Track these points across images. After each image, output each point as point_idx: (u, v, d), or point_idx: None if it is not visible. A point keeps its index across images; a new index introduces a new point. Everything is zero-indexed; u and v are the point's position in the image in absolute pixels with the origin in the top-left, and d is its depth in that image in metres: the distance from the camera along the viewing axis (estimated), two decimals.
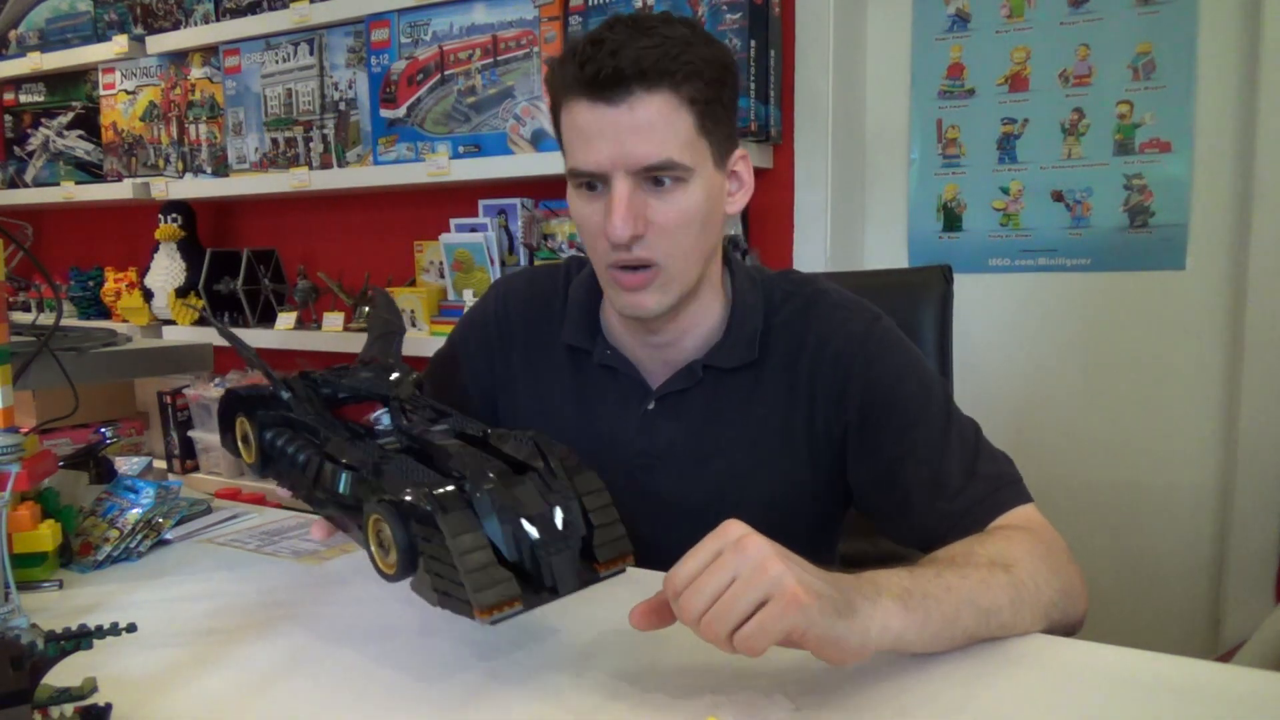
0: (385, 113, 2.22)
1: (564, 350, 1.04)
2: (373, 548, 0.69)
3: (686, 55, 0.85)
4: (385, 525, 0.66)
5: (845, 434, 0.95)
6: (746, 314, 0.98)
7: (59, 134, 2.94)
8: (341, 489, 0.74)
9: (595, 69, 0.83)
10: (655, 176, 0.86)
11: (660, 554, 0.84)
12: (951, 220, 1.94)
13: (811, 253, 1.89)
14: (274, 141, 2.45)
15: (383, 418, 0.83)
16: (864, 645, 0.65)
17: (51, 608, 0.89)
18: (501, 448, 0.72)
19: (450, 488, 0.65)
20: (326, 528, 0.80)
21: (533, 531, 0.65)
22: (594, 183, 0.89)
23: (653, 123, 0.84)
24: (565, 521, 0.66)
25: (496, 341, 1.08)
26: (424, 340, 2.08)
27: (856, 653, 0.65)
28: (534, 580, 0.65)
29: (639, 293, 0.90)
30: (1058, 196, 1.84)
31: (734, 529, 0.65)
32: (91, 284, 2.90)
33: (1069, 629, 0.81)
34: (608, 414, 1.01)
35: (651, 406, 1.00)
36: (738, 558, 0.62)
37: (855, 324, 0.96)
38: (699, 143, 0.87)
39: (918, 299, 1.29)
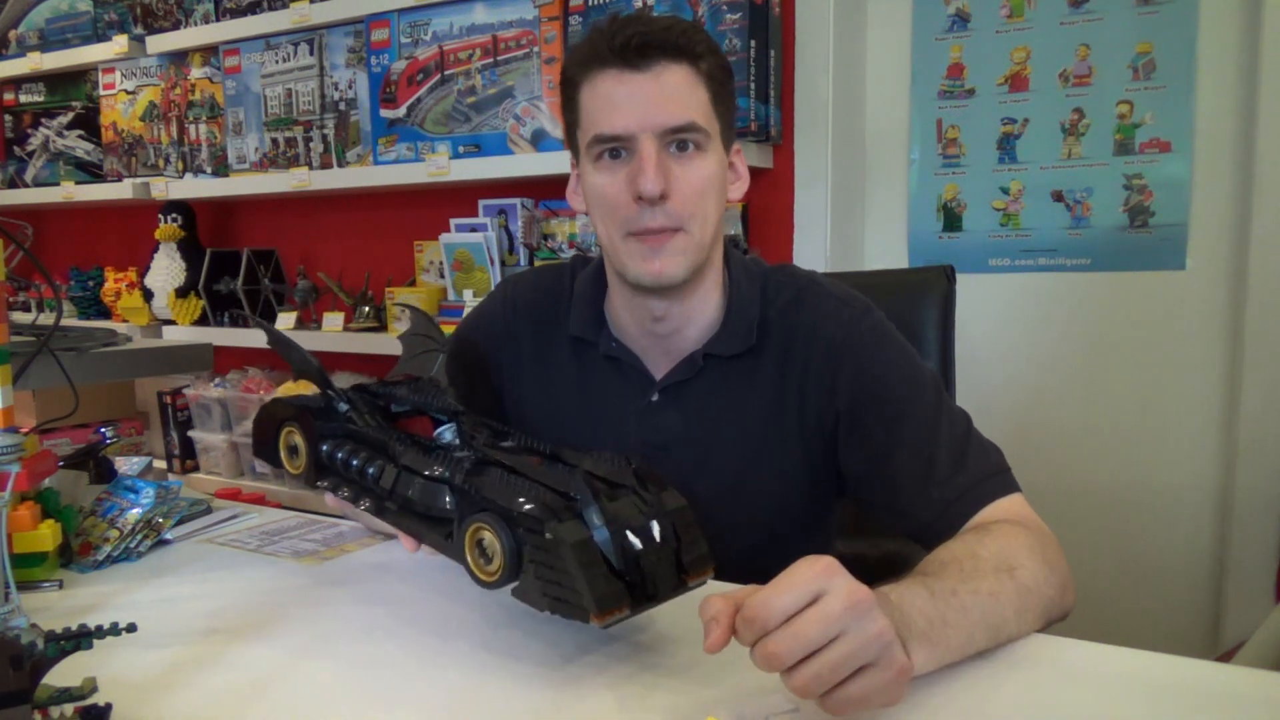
0: (385, 113, 2.22)
1: (569, 344, 1.06)
2: (469, 556, 0.72)
3: (700, 36, 0.93)
4: (488, 533, 0.69)
5: (836, 423, 0.97)
6: (744, 304, 1.01)
7: (59, 134, 2.94)
8: (425, 499, 0.76)
9: (626, 38, 0.89)
10: (679, 140, 0.91)
11: None
12: (951, 220, 1.94)
13: (811, 253, 1.89)
14: (274, 141, 2.45)
15: (445, 433, 0.84)
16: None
17: (51, 608, 0.89)
18: (582, 465, 0.74)
19: (557, 498, 0.68)
20: (414, 541, 0.80)
21: (636, 542, 0.68)
22: (617, 150, 0.92)
23: (678, 88, 0.90)
24: (662, 534, 0.69)
25: (504, 337, 1.10)
26: None
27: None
28: (634, 588, 0.68)
29: (662, 255, 0.92)
30: (1058, 196, 1.84)
31: (837, 574, 0.60)
32: (91, 284, 2.89)
33: (1060, 618, 0.82)
34: (611, 406, 1.03)
35: (655, 398, 1.02)
36: (850, 615, 0.58)
37: (846, 314, 0.98)
38: (712, 117, 0.93)
39: (920, 299, 1.30)
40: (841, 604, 0.58)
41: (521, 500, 0.68)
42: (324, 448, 0.85)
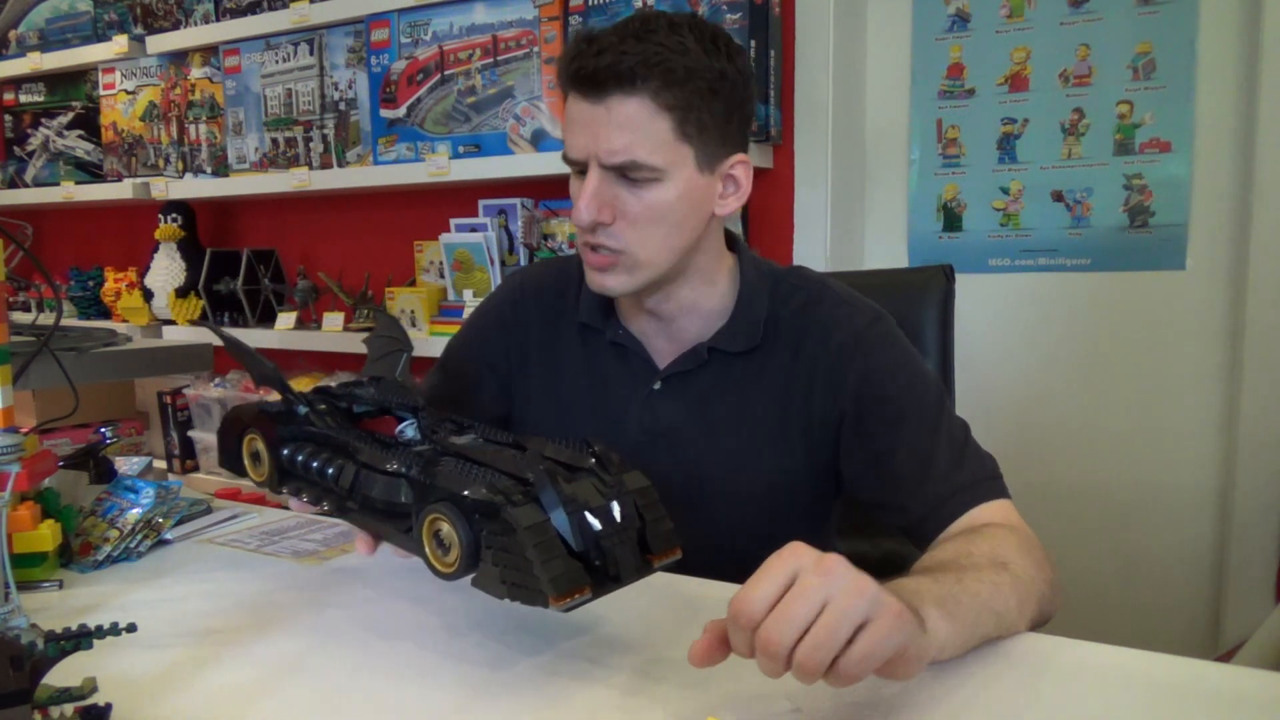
0: (385, 113, 2.22)
1: (577, 331, 1.08)
2: (428, 548, 0.70)
3: (671, 63, 0.87)
4: (445, 523, 0.68)
5: (840, 423, 0.98)
6: (753, 301, 1.02)
7: (59, 134, 2.94)
8: (384, 495, 0.75)
9: (578, 66, 0.89)
10: (626, 174, 0.91)
11: None
12: (951, 220, 1.94)
13: (811, 253, 1.89)
14: (274, 141, 2.45)
15: (407, 430, 0.83)
16: (934, 655, 0.65)
17: (51, 608, 0.89)
18: (542, 452, 0.73)
19: (513, 483, 0.67)
20: (370, 542, 0.80)
21: (595, 523, 0.67)
22: (581, 168, 0.94)
23: (626, 124, 0.89)
24: (623, 514, 0.68)
25: (513, 325, 1.12)
26: (424, 341, 2.08)
27: (926, 664, 0.64)
28: (596, 570, 0.67)
29: (602, 273, 0.96)
30: (1058, 196, 1.84)
31: (804, 551, 0.60)
32: (91, 284, 2.90)
33: (1045, 621, 0.83)
34: (615, 392, 1.05)
35: (657, 386, 1.04)
36: (826, 580, 0.58)
37: (858, 320, 1.00)
38: (678, 146, 0.91)
39: (919, 298, 1.30)
40: (816, 575, 0.58)
41: (476, 487, 0.67)
42: (284, 452, 0.84)
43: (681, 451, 1.01)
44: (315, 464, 0.81)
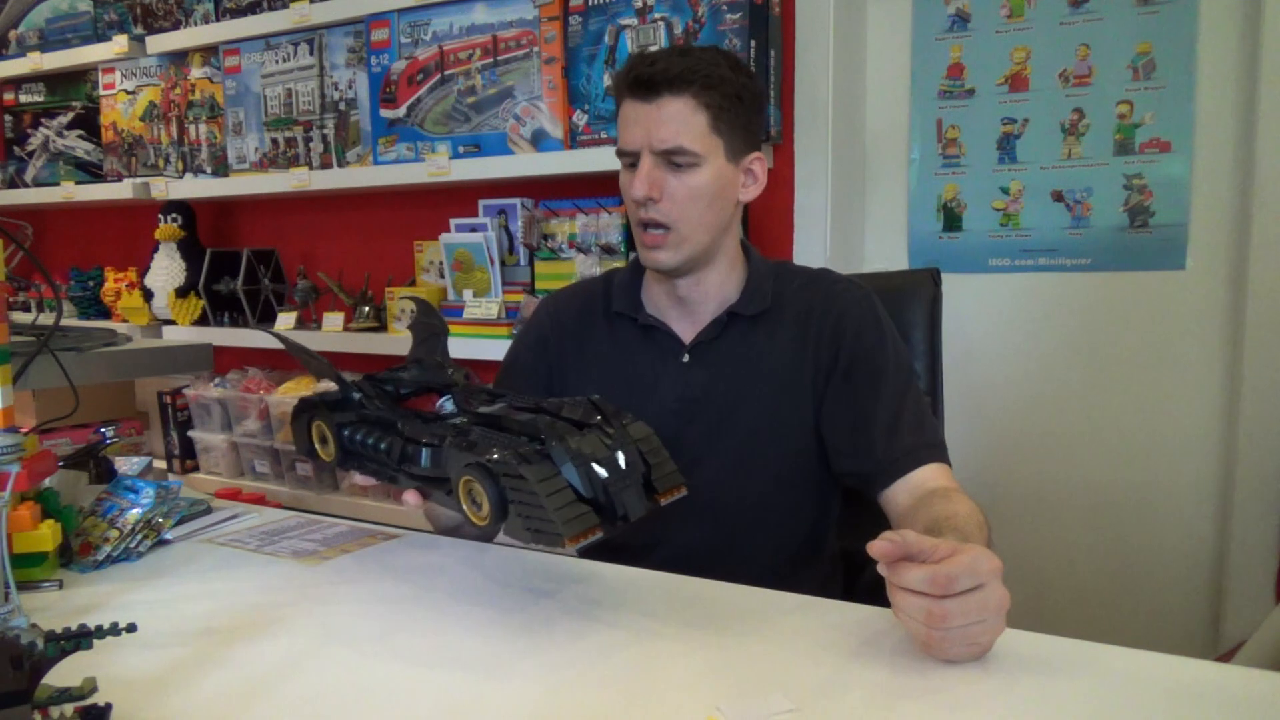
0: (385, 113, 2.22)
1: (608, 323, 1.24)
2: (465, 505, 0.81)
3: (707, 72, 1.09)
4: (476, 484, 0.78)
5: (831, 372, 1.15)
6: (761, 282, 1.20)
7: (59, 134, 2.94)
8: (426, 464, 0.86)
9: (637, 74, 1.09)
10: (672, 160, 1.09)
11: (696, 488, 1.09)
12: (951, 220, 1.94)
13: (811, 253, 1.89)
14: (274, 141, 2.45)
15: (445, 404, 0.95)
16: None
17: (51, 608, 0.89)
18: (559, 413, 0.83)
19: (528, 445, 0.78)
20: (417, 494, 0.91)
21: (602, 472, 0.77)
22: (631, 160, 1.13)
23: (673, 117, 1.09)
24: (627, 462, 0.78)
25: (550, 335, 1.26)
26: None
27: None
28: (607, 512, 0.77)
29: (656, 250, 1.13)
30: (1058, 196, 1.84)
31: (995, 587, 0.73)
32: (91, 284, 2.89)
33: None
34: (649, 370, 1.20)
35: (686, 359, 1.18)
36: (996, 616, 0.73)
37: (854, 295, 1.18)
38: (712, 138, 1.10)
39: (908, 301, 1.33)
40: (993, 613, 0.72)
41: (500, 451, 0.77)
42: (345, 432, 0.95)
43: (714, 413, 1.16)
44: (370, 441, 0.93)
